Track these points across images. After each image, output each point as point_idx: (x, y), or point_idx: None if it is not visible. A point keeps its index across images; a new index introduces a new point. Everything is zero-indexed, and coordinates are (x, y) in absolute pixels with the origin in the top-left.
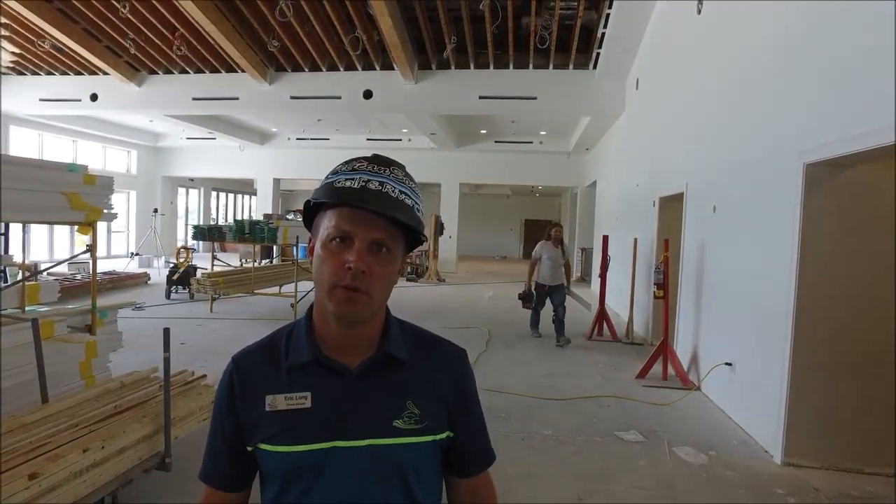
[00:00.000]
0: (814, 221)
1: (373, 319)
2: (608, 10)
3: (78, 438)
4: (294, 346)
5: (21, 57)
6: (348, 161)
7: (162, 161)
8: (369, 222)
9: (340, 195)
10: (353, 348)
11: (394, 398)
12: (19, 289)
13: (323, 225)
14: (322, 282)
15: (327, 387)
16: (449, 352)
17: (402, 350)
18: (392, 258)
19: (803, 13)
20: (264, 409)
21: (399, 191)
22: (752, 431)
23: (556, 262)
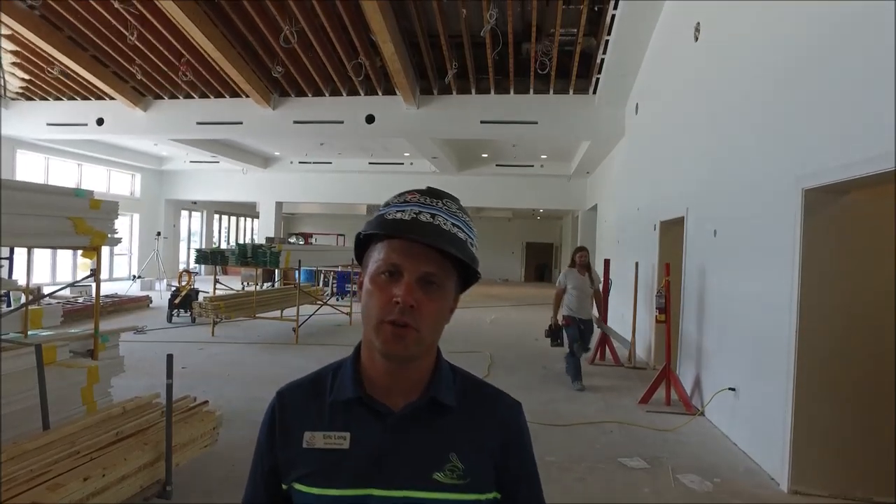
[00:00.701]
0: (814, 246)
1: (422, 359)
2: (607, 37)
3: (79, 466)
4: (339, 383)
5: (30, 83)
6: (400, 193)
7: (166, 184)
8: (419, 255)
9: (390, 227)
10: (398, 389)
11: (436, 448)
12: (22, 313)
13: (372, 258)
14: (369, 317)
15: (367, 428)
16: (502, 403)
17: (449, 396)
18: (443, 294)
19: (801, 40)
20: (302, 445)
21: (452, 223)
22: (758, 458)
23: (584, 292)
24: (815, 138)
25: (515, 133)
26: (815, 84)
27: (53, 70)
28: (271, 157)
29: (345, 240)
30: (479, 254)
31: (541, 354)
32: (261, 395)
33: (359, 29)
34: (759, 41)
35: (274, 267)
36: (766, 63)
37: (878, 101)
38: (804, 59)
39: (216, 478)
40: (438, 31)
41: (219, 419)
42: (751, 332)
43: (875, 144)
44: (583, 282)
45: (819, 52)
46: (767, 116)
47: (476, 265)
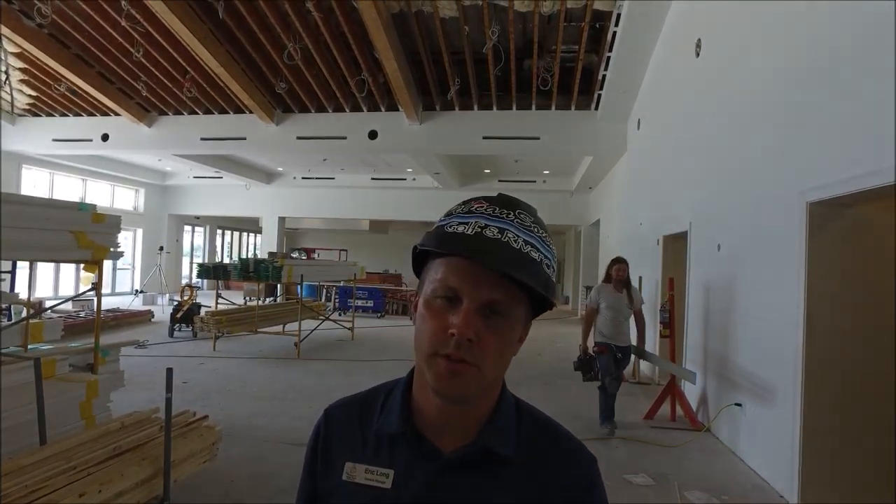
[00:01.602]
0: (819, 259)
1: (482, 397)
2: (608, 53)
3: (75, 482)
4: (388, 411)
5: (37, 99)
6: (466, 201)
7: (169, 199)
8: (483, 279)
9: (449, 242)
10: (451, 429)
11: (490, 502)
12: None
13: (428, 278)
14: (421, 346)
15: (412, 469)
16: (575, 455)
17: (508, 444)
18: (509, 324)
19: (803, 53)
20: (342, 476)
21: (524, 241)
22: (766, 475)
23: (621, 313)
24: (819, 151)
25: (518, 149)
26: (818, 97)
27: (60, 87)
28: (274, 173)
29: (347, 255)
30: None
31: (544, 369)
32: (261, 411)
33: (362, 45)
34: (761, 56)
35: (276, 281)
36: (767, 77)
37: (880, 114)
38: (807, 72)
39: (215, 494)
40: (441, 47)
41: (218, 434)
42: (757, 346)
43: (878, 158)
44: (619, 301)
45: (822, 65)
46: (771, 130)
47: (552, 292)
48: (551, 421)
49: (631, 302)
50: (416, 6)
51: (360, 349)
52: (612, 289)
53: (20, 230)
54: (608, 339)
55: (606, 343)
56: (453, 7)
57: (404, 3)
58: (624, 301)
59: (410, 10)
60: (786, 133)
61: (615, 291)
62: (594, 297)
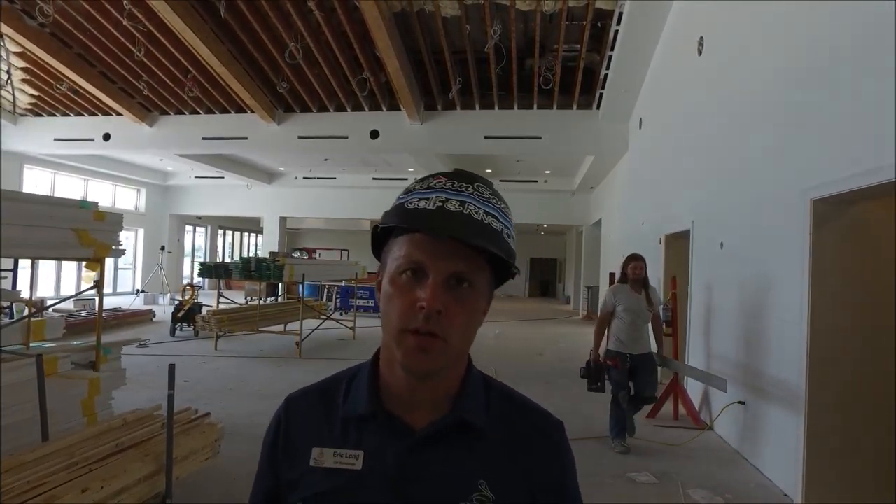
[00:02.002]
0: (823, 257)
1: (450, 370)
2: (610, 53)
3: (77, 478)
4: (354, 394)
5: (39, 99)
6: (424, 178)
7: (170, 199)
8: (446, 251)
9: (411, 218)
10: (422, 405)
11: (463, 474)
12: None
13: (392, 255)
14: (389, 324)
15: (384, 448)
16: (544, 423)
17: (480, 415)
18: (475, 295)
19: (805, 51)
20: (309, 463)
21: (485, 212)
22: (770, 474)
23: (640, 316)
24: (822, 149)
25: (519, 148)
26: (819, 95)
27: (62, 86)
28: (276, 173)
29: (348, 255)
30: (515, 245)
31: (545, 369)
32: (263, 409)
33: (363, 45)
34: (763, 54)
35: (277, 281)
36: (770, 75)
37: (881, 112)
38: (809, 70)
39: (217, 492)
40: (442, 47)
41: (220, 432)
42: (760, 344)
43: (879, 155)
44: (638, 303)
45: (824, 62)
46: (773, 127)
47: (513, 259)
48: (518, 393)
49: (650, 304)
50: (418, 5)
51: (361, 349)
52: (630, 290)
53: (22, 228)
54: (624, 348)
55: (621, 353)
56: (455, 6)
57: (406, 2)
58: (643, 303)
59: (412, 10)
60: (788, 131)
61: (633, 292)
62: (609, 300)
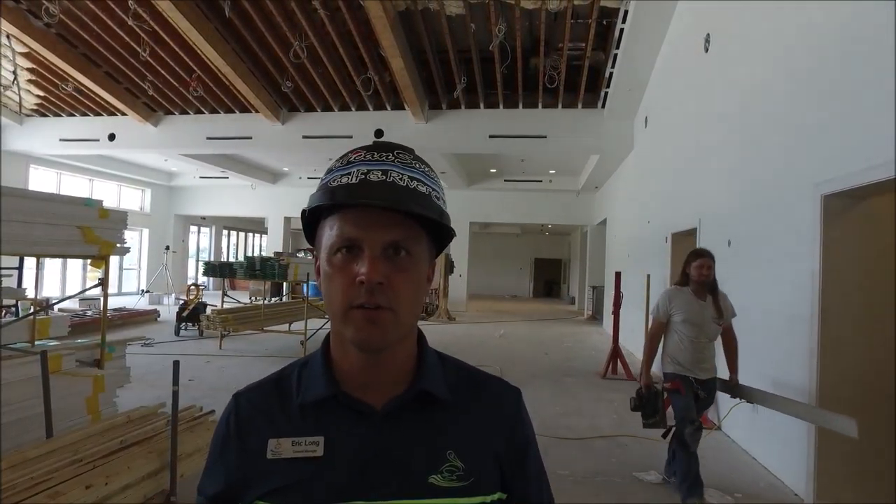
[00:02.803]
0: (834, 254)
1: (402, 344)
2: (615, 51)
3: (81, 475)
4: (307, 381)
5: (45, 99)
6: (343, 156)
7: (175, 200)
8: (378, 222)
9: (335, 195)
10: (379, 384)
11: (430, 447)
12: (30, 323)
13: (325, 236)
14: (333, 306)
15: (345, 431)
16: (500, 391)
17: (440, 386)
18: (414, 261)
19: (815, 45)
20: (266, 456)
21: (409, 177)
22: (780, 473)
23: (704, 331)
24: (833, 143)
25: (524, 147)
26: (831, 88)
27: (67, 86)
28: (280, 173)
29: None
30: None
31: (551, 369)
32: None
33: (368, 44)
34: (771, 49)
35: (282, 280)
36: (779, 70)
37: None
38: (819, 64)
39: None
40: (447, 46)
41: None
42: (769, 342)
43: (892, 149)
44: (702, 312)
45: (834, 55)
46: (782, 123)
47: (448, 221)
48: (472, 366)
49: (720, 315)
50: (422, 4)
51: None
52: (691, 295)
53: (27, 225)
54: (686, 370)
55: (683, 377)
56: (459, 5)
57: (410, 1)
58: (709, 313)
59: (416, 8)
60: (798, 126)
61: (695, 299)
62: (663, 307)
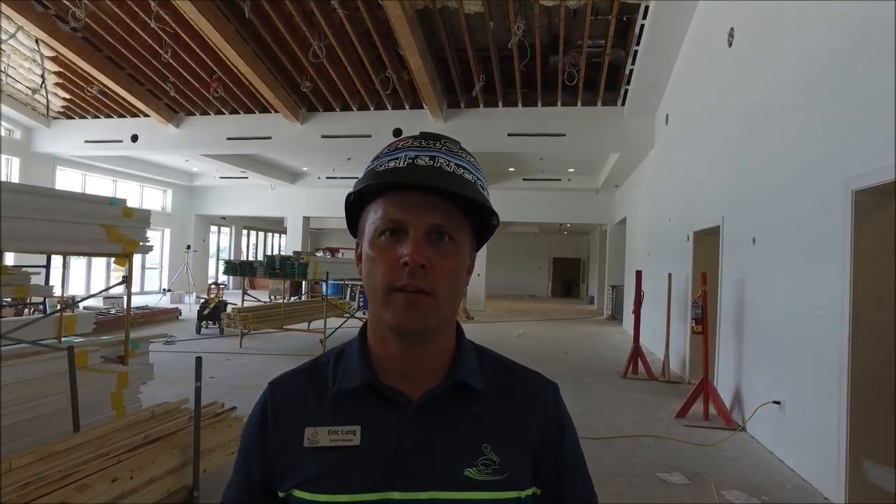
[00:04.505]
0: (865, 251)
1: (441, 334)
2: (636, 47)
3: (107, 468)
4: (344, 370)
5: (71, 102)
6: (390, 144)
7: (196, 200)
8: (424, 205)
9: (382, 177)
10: (416, 374)
11: (466, 440)
12: (57, 320)
13: (368, 221)
14: (374, 288)
15: (382, 421)
16: (538, 385)
17: (477, 378)
18: (457, 249)
19: (845, 35)
20: (302, 444)
21: (455, 164)
22: (808, 476)
23: None
24: (865, 136)
25: (543, 146)
26: (862, 79)
27: (92, 89)
28: (299, 173)
29: None
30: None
31: (571, 368)
32: None
33: (386, 43)
34: (799, 41)
35: (301, 279)
36: (807, 62)
37: None
38: (849, 55)
39: None
40: (465, 44)
41: None
42: (797, 342)
43: None
44: None
45: (865, 44)
46: (810, 117)
47: (493, 212)
48: (509, 358)
49: None
50: (441, 2)
51: None
52: None
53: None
54: None
55: None
56: (478, 3)
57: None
58: None
59: (435, 7)
60: (828, 119)
61: None
62: None
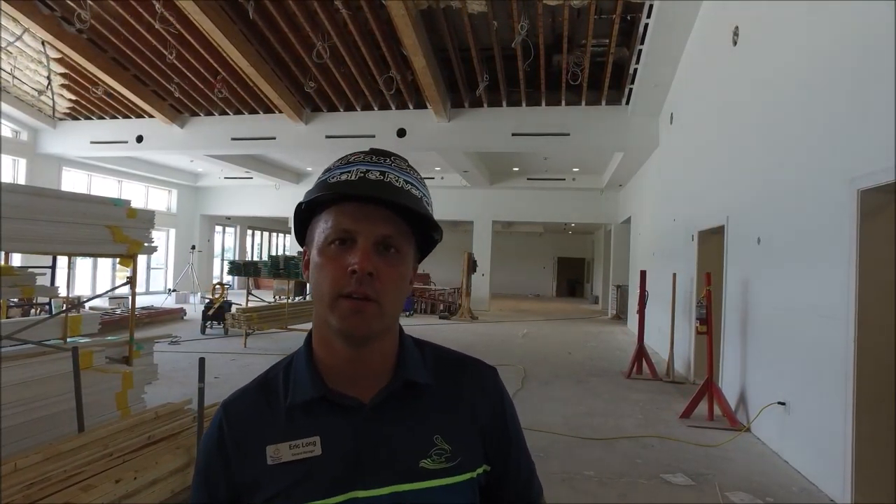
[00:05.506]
0: (871, 251)
1: (384, 338)
2: (640, 46)
3: (111, 469)
4: (294, 382)
5: (76, 103)
6: (343, 157)
7: (201, 200)
8: (373, 217)
9: (335, 188)
10: (364, 377)
11: (419, 434)
12: (62, 320)
13: (318, 229)
14: (322, 294)
15: (338, 427)
16: (478, 371)
17: (422, 374)
18: (402, 259)
19: (849, 33)
20: (265, 462)
21: (404, 180)
22: (814, 478)
23: None
24: (871, 135)
25: (547, 146)
26: (868, 77)
27: (98, 90)
28: (303, 173)
29: None
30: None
31: (575, 368)
32: None
33: (390, 43)
34: (805, 39)
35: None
36: (813, 61)
37: None
38: (854, 53)
39: None
40: (469, 44)
41: None
42: (802, 343)
43: None
44: None
45: (871, 42)
46: (815, 115)
47: (437, 228)
48: (447, 348)
49: None
50: (444, 2)
51: None
52: None
53: (58, 224)
54: None
55: None
56: (481, 3)
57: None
58: None
59: (438, 6)
60: (833, 118)
61: None
62: None
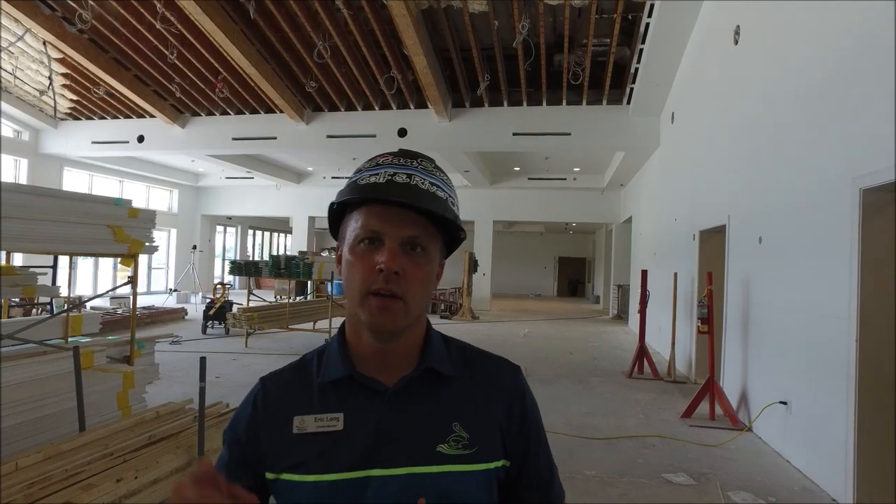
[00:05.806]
0: (873, 249)
1: (411, 331)
2: (641, 46)
3: (112, 468)
4: (326, 364)
5: (78, 103)
6: (372, 158)
7: (202, 200)
8: (399, 218)
9: (364, 191)
10: (390, 365)
11: (438, 420)
12: (63, 320)
13: (349, 228)
14: (352, 290)
15: (362, 407)
16: (501, 367)
17: (445, 365)
18: (428, 258)
19: (851, 31)
20: (291, 432)
21: (430, 182)
22: (816, 477)
23: None
24: (874, 134)
25: (548, 145)
26: (870, 75)
27: (99, 90)
28: (304, 173)
29: None
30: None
31: (576, 368)
32: None
33: (391, 43)
34: (807, 37)
35: (306, 278)
36: (815, 59)
37: None
38: (856, 52)
39: None
40: (470, 43)
41: None
42: (803, 342)
43: None
44: None
45: (873, 40)
46: (818, 114)
47: (461, 225)
48: (474, 346)
49: None
50: (445, 2)
51: None
52: None
53: (59, 224)
54: None
55: None
56: (482, 2)
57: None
58: None
59: (439, 6)
60: (835, 117)
61: None
62: None
